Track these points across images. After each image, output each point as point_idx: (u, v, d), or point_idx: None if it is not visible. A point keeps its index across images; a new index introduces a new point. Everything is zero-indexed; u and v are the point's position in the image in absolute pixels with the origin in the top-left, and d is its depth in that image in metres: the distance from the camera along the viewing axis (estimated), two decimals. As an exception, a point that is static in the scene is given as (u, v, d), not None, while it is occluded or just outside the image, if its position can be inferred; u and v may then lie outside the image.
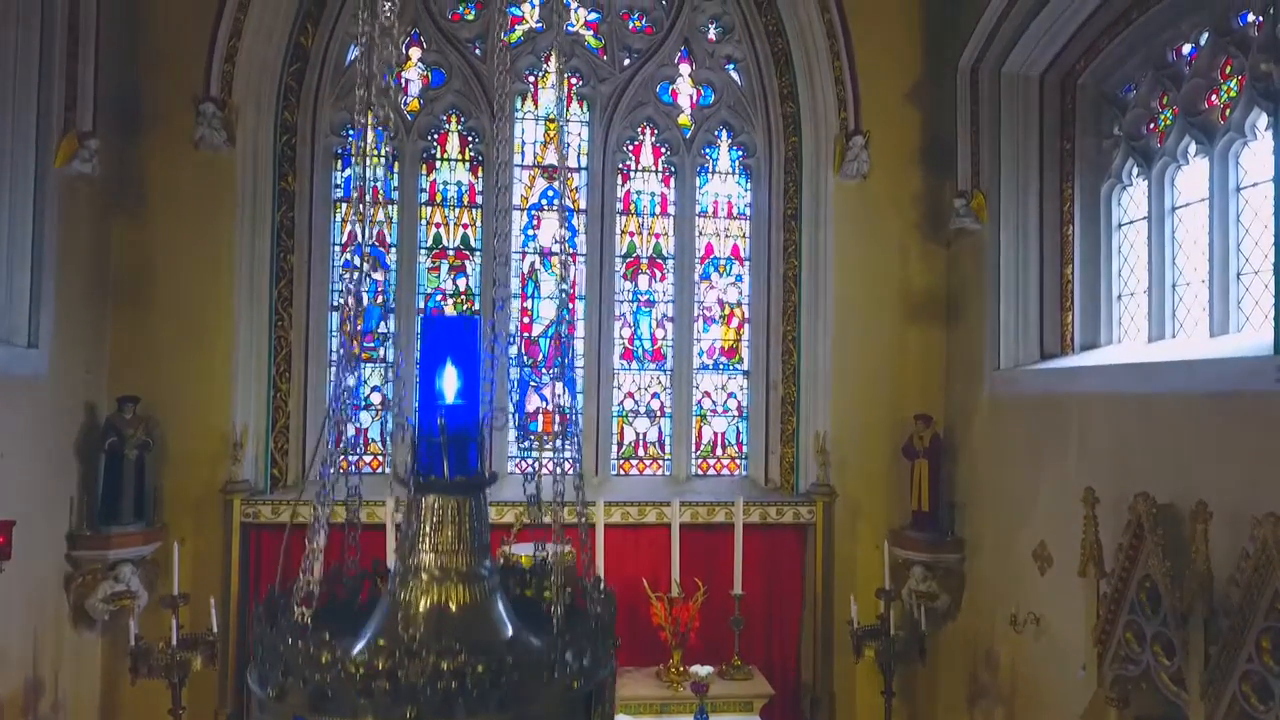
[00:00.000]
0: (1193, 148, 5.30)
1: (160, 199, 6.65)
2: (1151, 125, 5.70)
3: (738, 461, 7.74)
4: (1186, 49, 5.41)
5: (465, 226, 7.54)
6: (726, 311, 7.80)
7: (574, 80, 7.67)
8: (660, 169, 7.78)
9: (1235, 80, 5.01)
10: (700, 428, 7.73)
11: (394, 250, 7.40)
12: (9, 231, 5.70)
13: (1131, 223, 5.98)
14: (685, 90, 7.79)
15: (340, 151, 7.41)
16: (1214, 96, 5.18)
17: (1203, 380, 4.35)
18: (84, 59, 5.98)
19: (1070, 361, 5.83)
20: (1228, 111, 5.04)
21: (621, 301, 7.69)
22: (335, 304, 7.40)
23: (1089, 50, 6.02)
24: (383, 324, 7.43)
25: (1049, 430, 5.71)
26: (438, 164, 7.54)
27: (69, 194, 5.98)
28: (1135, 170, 5.84)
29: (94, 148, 5.98)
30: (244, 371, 6.76)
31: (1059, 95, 6.32)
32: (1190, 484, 4.40)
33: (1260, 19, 4.79)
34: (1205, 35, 5.23)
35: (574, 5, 7.69)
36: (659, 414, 7.70)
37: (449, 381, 2.19)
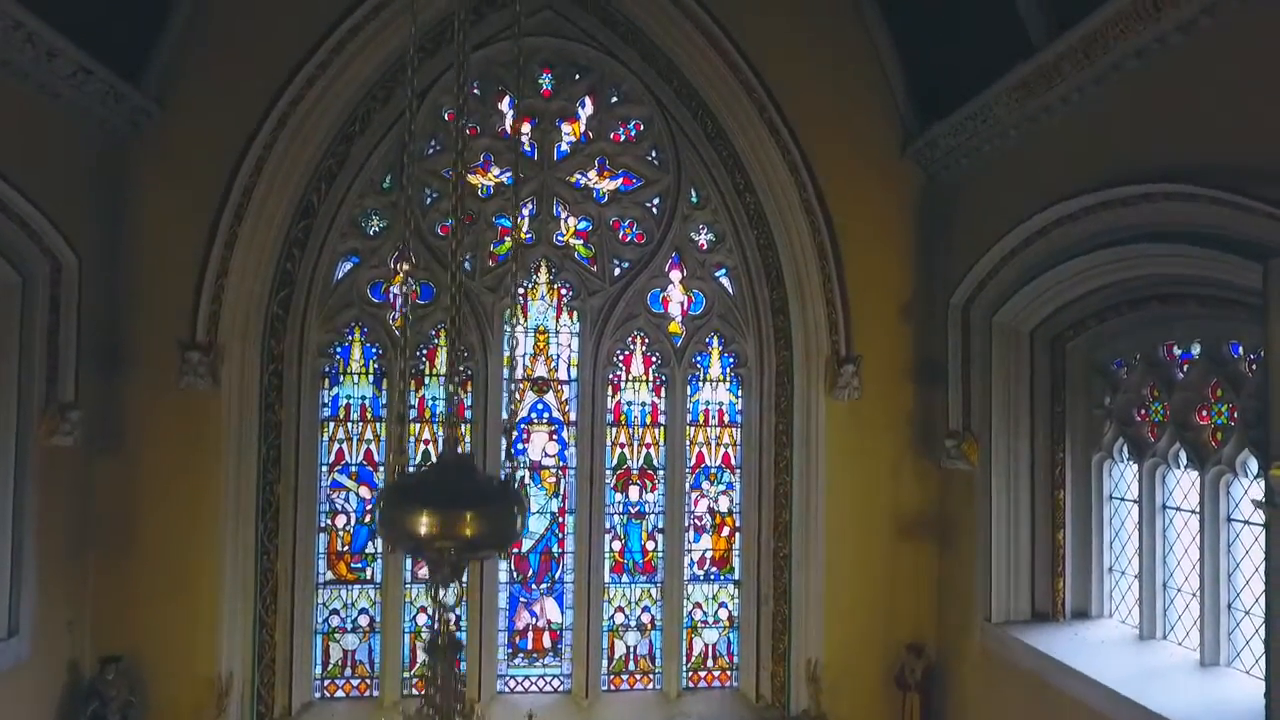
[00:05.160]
0: (1184, 455, 5.28)
1: (141, 441, 6.54)
2: (1142, 412, 5.69)
3: (729, 673, 7.69)
4: (1178, 351, 5.39)
5: (454, 442, 7.46)
6: (717, 520, 7.76)
7: (564, 291, 7.62)
8: (651, 378, 7.73)
9: (1227, 406, 5.00)
10: (691, 639, 7.68)
11: (382, 469, 7.35)
12: (-11, 516, 5.63)
13: (1123, 499, 5.97)
14: (676, 297, 7.74)
15: (328, 371, 7.32)
16: (1205, 412, 5.16)
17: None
18: (65, 331, 5.90)
19: (1062, 643, 5.78)
20: (1219, 435, 5.03)
21: (612, 514, 7.64)
22: (323, 525, 7.33)
23: (1078, 324, 6.00)
24: (370, 544, 7.38)
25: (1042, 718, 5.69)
26: (426, 380, 7.46)
27: (49, 461, 5.87)
28: (1126, 451, 5.83)
29: (75, 420, 5.88)
30: (229, 613, 6.66)
31: (1049, 354, 6.30)
32: None
33: (1252, 356, 4.78)
34: (1198, 346, 5.21)
35: (564, 215, 7.62)
36: (649, 626, 7.65)
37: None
